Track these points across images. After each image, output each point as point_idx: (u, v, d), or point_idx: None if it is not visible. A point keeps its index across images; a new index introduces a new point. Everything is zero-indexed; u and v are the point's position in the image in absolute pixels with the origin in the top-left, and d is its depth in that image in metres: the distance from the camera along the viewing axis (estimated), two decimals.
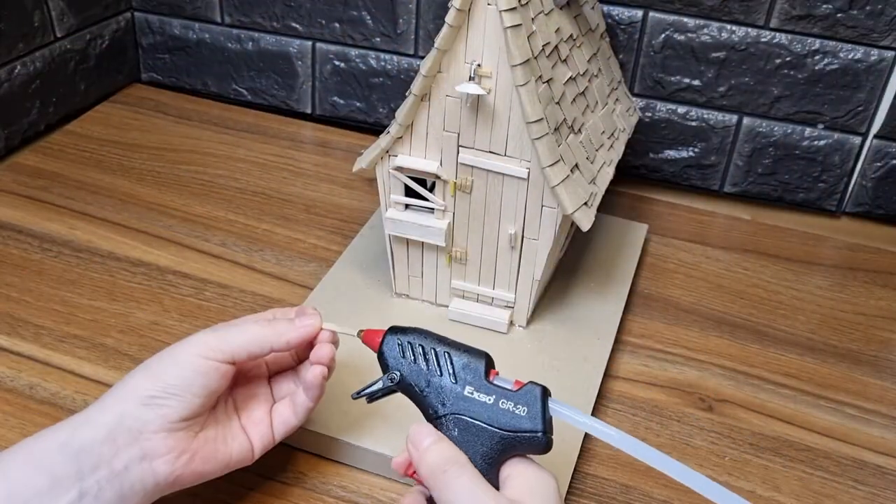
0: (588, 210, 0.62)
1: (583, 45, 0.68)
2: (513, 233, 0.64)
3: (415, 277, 0.69)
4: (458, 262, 0.67)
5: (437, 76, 0.59)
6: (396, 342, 0.50)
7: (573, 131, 0.63)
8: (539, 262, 0.65)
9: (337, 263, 0.75)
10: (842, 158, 0.86)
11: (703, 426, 0.64)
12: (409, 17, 0.91)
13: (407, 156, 0.63)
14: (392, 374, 0.50)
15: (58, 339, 0.67)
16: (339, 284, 0.72)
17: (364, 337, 0.52)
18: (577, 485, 0.59)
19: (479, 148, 0.61)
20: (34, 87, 0.91)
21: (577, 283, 0.74)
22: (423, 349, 0.50)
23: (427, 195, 0.64)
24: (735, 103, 0.86)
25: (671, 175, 0.92)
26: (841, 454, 0.63)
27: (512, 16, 0.55)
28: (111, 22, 0.99)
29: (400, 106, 0.61)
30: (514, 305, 0.68)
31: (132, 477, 0.47)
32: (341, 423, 0.59)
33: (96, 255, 0.77)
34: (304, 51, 0.97)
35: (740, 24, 0.82)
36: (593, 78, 0.69)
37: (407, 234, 0.66)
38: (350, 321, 0.68)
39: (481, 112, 0.59)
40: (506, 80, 0.58)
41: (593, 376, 0.65)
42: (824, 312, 0.77)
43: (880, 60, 0.80)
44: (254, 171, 0.90)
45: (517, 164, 0.60)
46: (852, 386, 0.69)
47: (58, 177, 0.87)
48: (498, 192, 0.62)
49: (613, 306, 0.72)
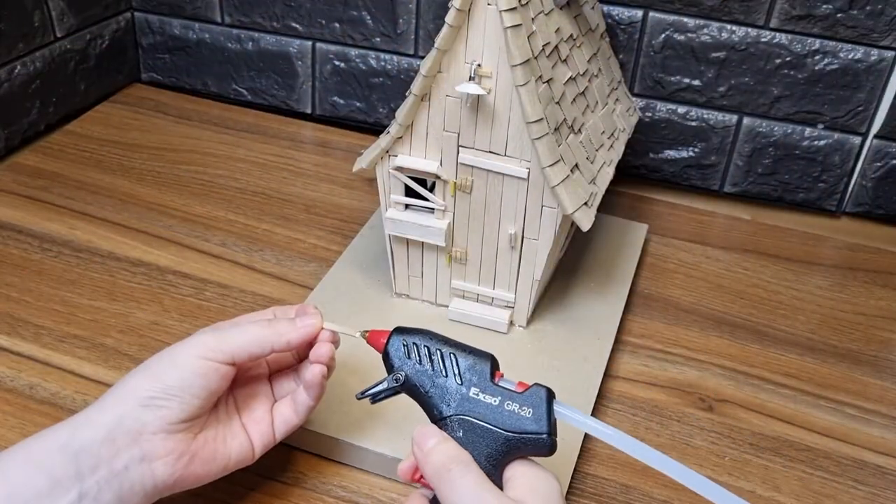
0: (588, 210, 0.62)
1: (583, 45, 0.68)
2: (513, 233, 0.64)
3: (415, 277, 0.69)
4: (458, 262, 0.67)
5: (437, 76, 0.59)
6: (402, 343, 0.50)
7: (573, 131, 0.63)
8: (539, 262, 0.65)
9: (337, 263, 0.75)
10: (842, 158, 0.86)
11: (703, 426, 0.64)
12: (409, 17, 0.91)
13: (407, 156, 0.63)
14: (397, 375, 0.50)
15: (58, 339, 0.67)
16: (339, 284, 0.72)
17: (369, 337, 0.52)
18: (577, 485, 0.59)
19: (479, 148, 0.61)
20: (34, 87, 0.91)
21: (577, 283, 0.74)
22: (429, 350, 0.49)
23: (427, 195, 0.64)
24: (735, 103, 0.86)
25: (671, 175, 0.92)
26: (841, 454, 0.63)
27: (512, 16, 0.55)
28: (111, 22, 0.99)
29: (400, 106, 0.61)
30: (514, 305, 0.68)
31: (132, 478, 0.47)
32: (342, 423, 0.59)
33: (96, 255, 0.77)
34: (304, 51, 0.97)
35: (740, 24, 0.82)
36: (593, 78, 0.69)
37: (407, 234, 0.66)
38: (350, 321, 0.68)
39: (481, 112, 0.59)
40: (506, 80, 0.58)
41: (593, 376, 0.65)
42: (824, 312, 0.77)
43: (880, 60, 0.80)
44: (254, 171, 0.90)
45: (517, 164, 0.60)
46: (852, 386, 0.69)
47: (58, 177, 0.87)
48: (498, 192, 0.62)
49: (613, 306, 0.72)
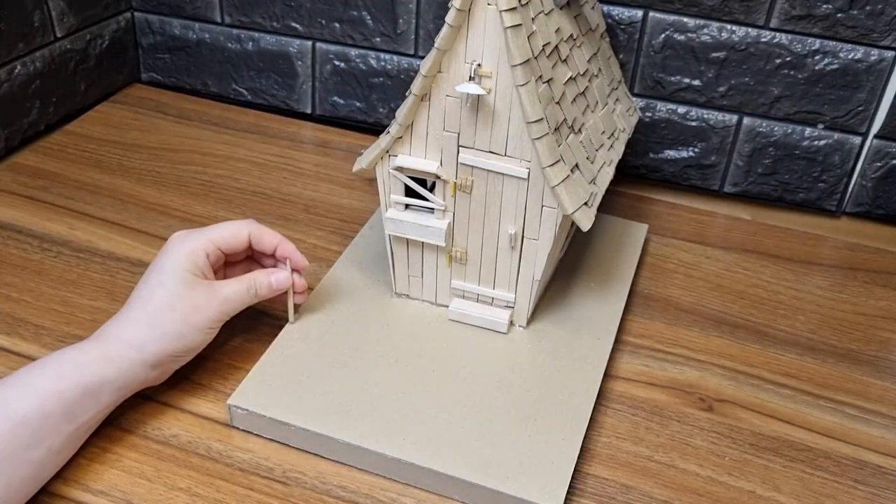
0: (588, 210, 0.62)
1: (583, 45, 0.68)
2: (513, 233, 0.64)
3: (415, 277, 0.69)
4: (458, 262, 0.67)
5: (437, 76, 0.59)
6: None
7: (573, 131, 0.63)
8: (539, 262, 0.65)
9: (337, 263, 0.75)
10: (842, 158, 0.86)
11: (703, 426, 0.64)
12: (409, 17, 0.91)
13: (407, 156, 0.63)
14: None
15: (58, 339, 0.67)
16: (339, 284, 0.72)
17: None
18: (577, 485, 0.59)
19: (479, 148, 0.61)
20: (34, 87, 0.91)
21: (577, 283, 0.74)
22: None
23: (427, 195, 0.64)
24: (735, 103, 0.86)
25: (671, 175, 0.92)
26: (841, 454, 0.63)
27: (512, 16, 0.55)
28: (111, 22, 0.99)
29: (400, 106, 0.61)
30: (514, 305, 0.68)
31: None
32: (342, 423, 0.59)
33: (96, 255, 0.77)
34: (304, 51, 0.97)
35: (740, 24, 0.82)
36: (593, 78, 0.69)
37: (407, 234, 0.66)
38: (350, 321, 0.68)
39: (481, 112, 0.59)
40: (506, 80, 0.57)
41: (593, 376, 0.65)
42: (824, 312, 0.77)
43: (880, 60, 0.80)
44: (254, 171, 0.90)
45: (517, 164, 0.60)
46: (852, 386, 0.69)
47: (58, 177, 0.87)
48: (498, 192, 0.62)
49: (613, 306, 0.72)
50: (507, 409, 0.61)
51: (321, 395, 0.61)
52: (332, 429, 0.59)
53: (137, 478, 0.57)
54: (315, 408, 0.60)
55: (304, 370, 0.63)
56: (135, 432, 0.60)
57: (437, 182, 0.64)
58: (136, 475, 0.57)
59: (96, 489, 0.56)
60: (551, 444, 0.59)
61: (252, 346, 0.67)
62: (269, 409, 0.60)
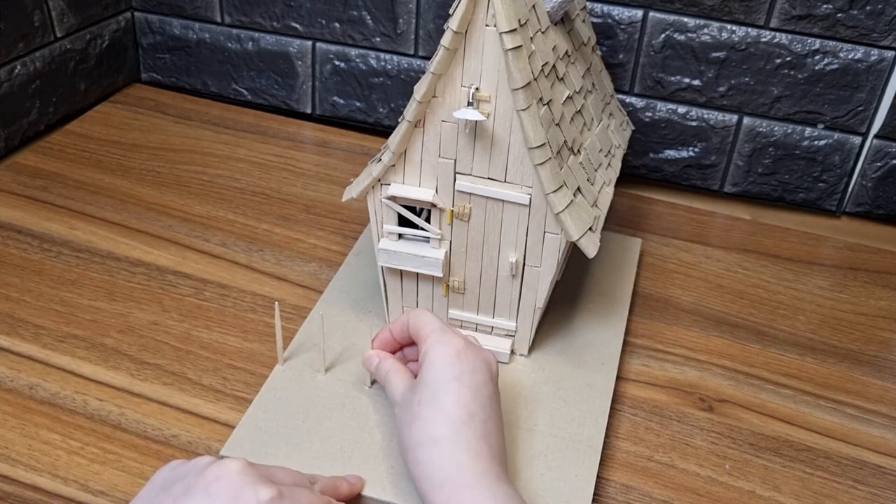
0: (593, 235, 0.59)
1: (577, 60, 0.66)
2: (514, 260, 0.61)
3: (410, 308, 0.66)
4: (456, 292, 0.64)
5: (432, 101, 0.56)
6: None
7: (573, 153, 0.61)
8: (542, 290, 0.62)
9: (325, 294, 0.72)
10: (842, 158, 0.86)
11: (703, 426, 0.64)
12: (409, 17, 0.91)
13: (400, 184, 0.60)
14: None
15: (58, 339, 0.67)
16: (328, 316, 0.68)
17: None
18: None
19: (477, 174, 0.58)
20: (34, 87, 0.91)
21: (575, 307, 0.72)
22: None
23: (423, 224, 0.61)
24: (735, 103, 0.86)
25: (671, 175, 0.92)
26: (841, 454, 0.63)
27: (513, 37, 0.52)
28: (111, 22, 0.99)
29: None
30: (514, 334, 0.65)
31: None
32: (343, 471, 0.56)
33: (96, 255, 0.77)
34: (304, 51, 0.97)
35: (740, 24, 0.82)
36: (588, 94, 0.67)
37: (402, 266, 0.62)
38: (344, 357, 0.65)
39: (479, 138, 0.56)
40: (505, 104, 0.55)
41: (601, 404, 0.63)
42: (824, 312, 0.77)
43: (880, 60, 0.80)
44: (254, 171, 0.90)
45: (518, 190, 0.58)
46: (852, 386, 0.69)
47: (58, 177, 0.87)
48: (498, 219, 0.60)
49: (615, 328, 0.70)
50: (517, 445, 0.59)
51: (319, 441, 0.58)
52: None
53: (137, 478, 0.57)
54: (313, 455, 0.57)
55: (300, 413, 0.60)
56: (135, 432, 0.60)
57: (432, 210, 0.61)
58: (136, 475, 0.57)
59: (96, 489, 0.56)
60: (565, 481, 0.57)
61: (252, 346, 0.67)
62: (266, 460, 0.56)
